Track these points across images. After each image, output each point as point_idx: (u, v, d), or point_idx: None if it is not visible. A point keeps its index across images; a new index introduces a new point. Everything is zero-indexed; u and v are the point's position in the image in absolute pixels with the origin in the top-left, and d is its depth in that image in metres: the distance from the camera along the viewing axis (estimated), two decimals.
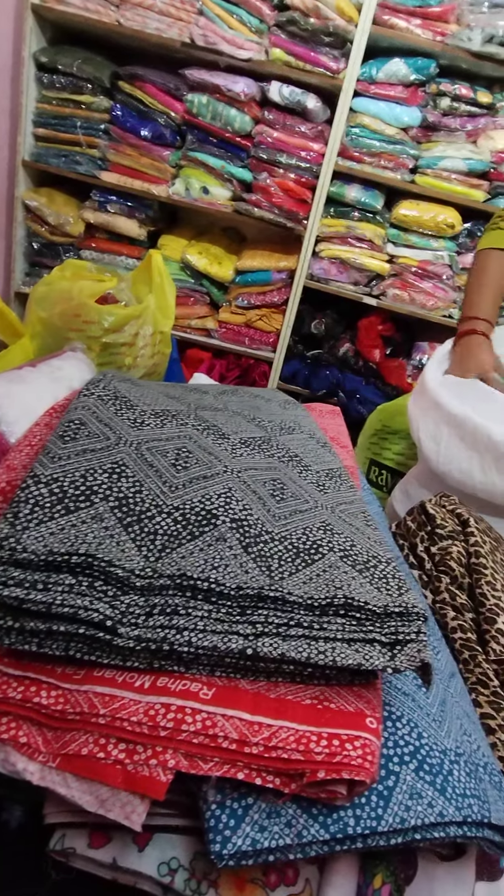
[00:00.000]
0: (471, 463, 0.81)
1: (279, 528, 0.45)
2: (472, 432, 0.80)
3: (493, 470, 0.79)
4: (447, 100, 1.80)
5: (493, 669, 0.58)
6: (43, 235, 2.07)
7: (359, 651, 0.36)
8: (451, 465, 0.82)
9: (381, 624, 0.37)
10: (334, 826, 0.32)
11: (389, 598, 0.39)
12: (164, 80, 1.85)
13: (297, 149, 1.87)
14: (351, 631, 0.37)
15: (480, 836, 0.36)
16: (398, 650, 0.37)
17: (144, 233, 2.05)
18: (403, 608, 0.38)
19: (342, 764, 0.32)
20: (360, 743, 0.33)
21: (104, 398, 0.53)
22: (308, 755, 0.32)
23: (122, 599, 0.36)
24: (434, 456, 0.84)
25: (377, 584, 0.41)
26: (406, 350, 2.19)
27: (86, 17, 1.78)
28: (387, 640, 0.37)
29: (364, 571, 0.42)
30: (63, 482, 0.41)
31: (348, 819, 0.33)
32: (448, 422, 0.83)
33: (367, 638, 0.36)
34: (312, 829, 0.32)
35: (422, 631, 0.37)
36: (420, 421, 0.90)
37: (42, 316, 1.27)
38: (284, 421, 0.64)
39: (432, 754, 0.37)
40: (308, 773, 0.32)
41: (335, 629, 0.36)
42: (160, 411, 0.54)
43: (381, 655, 0.36)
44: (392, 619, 0.38)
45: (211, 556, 0.39)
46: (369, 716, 0.35)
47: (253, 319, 2.09)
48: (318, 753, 0.32)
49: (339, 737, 0.33)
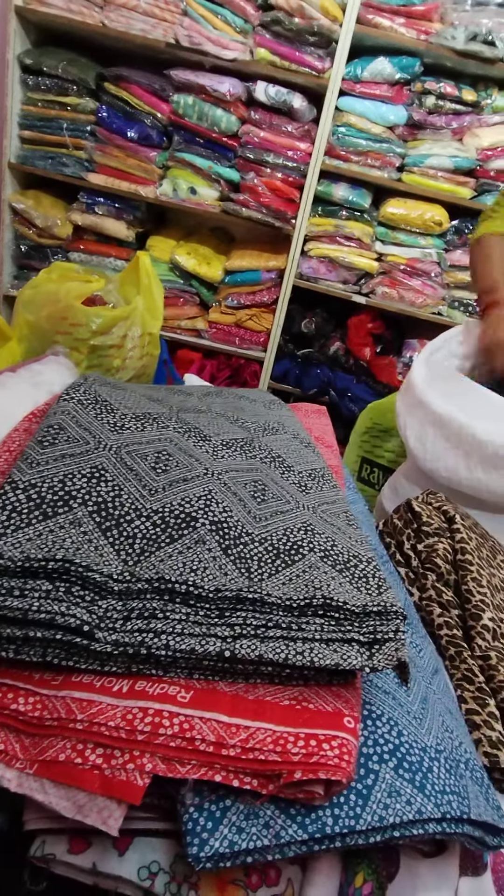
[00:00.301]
0: (457, 461, 0.81)
1: (259, 529, 0.45)
2: (457, 432, 0.80)
3: (478, 469, 0.79)
4: (432, 98, 1.80)
5: (479, 665, 0.58)
6: (30, 238, 2.06)
7: (337, 651, 0.36)
8: (437, 463, 0.83)
9: (360, 623, 0.38)
10: (312, 826, 0.33)
11: (369, 598, 0.39)
12: (150, 80, 1.85)
13: (283, 148, 1.87)
14: (329, 631, 0.37)
15: (460, 833, 0.36)
16: (376, 649, 0.37)
17: (132, 234, 2.05)
18: (382, 607, 0.38)
19: (319, 764, 0.32)
20: (338, 743, 0.33)
21: (84, 402, 0.52)
22: (285, 756, 0.32)
23: (100, 604, 0.36)
24: (421, 454, 0.85)
25: (357, 584, 0.41)
26: (396, 347, 2.20)
27: (69, 19, 1.77)
28: (365, 639, 0.37)
29: (344, 571, 0.42)
30: (41, 488, 0.41)
31: (326, 818, 0.33)
32: (433, 422, 0.83)
33: (345, 638, 0.37)
34: (290, 830, 0.32)
35: (400, 629, 0.37)
36: (407, 420, 0.90)
37: (29, 319, 1.26)
38: (268, 422, 0.64)
39: (412, 752, 0.37)
40: (285, 774, 0.32)
41: (313, 630, 0.37)
42: (141, 415, 0.54)
43: (358, 655, 0.36)
44: (371, 618, 0.38)
45: (190, 559, 0.39)
46: (347, 715, 0.35)
47: (243, 319, 2.09)
48: (294, 754, 0.32)
49: (316, 737, 0.33)
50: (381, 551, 0.64)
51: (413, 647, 0.50)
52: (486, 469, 0.79)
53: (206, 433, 0.55)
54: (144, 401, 0.58)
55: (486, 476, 0.80)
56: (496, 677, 0.56)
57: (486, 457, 0.79)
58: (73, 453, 0.45)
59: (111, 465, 0.45)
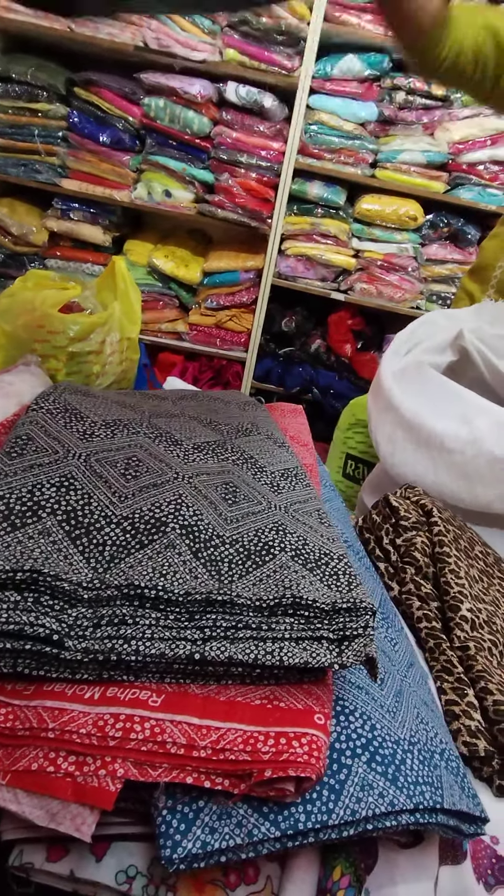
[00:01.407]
0: (425, 466, 0.80)
1: (230, 531, 0.45)
2: (426, 439, 0.79)
3: (444, 474, 0.79)
4: (402, 94, 1.82)
5: (458, 656, 0.59)
6: (6, 246, 2.05)
7: (306, 649, 0.36)
8: (405, 468, 0.82)
9: (330, 621, 0.38)
10: (285, 823, 0.33)
11: (339, 595, 0.40)
12: (120, 84, 1.85)
13: (256, 148, 1.88)
14: (299, 629, 0.37)
15: (434, 822, 0.37)
16: (346, 646, 0.37)
17: (109, 239, 2.04)
18: (352, 603, 0.38)
19: (288, 762, 0.32)
20: (307, 740, 0.33)
21: (53, 412, 0.53)
22: (255, 755, 0.32)
23: (70, 613, 0.36)
24: (389, 458, 0.84)
25: (328, 582, 0.41)
26: (377, 343, 2.21)
27: (37, 25, 1.77)
28: (334, 636, 0.37)
29: (315, 569, 0.43)
30: (9, 499, 0.41)
31: (299, 815, 0.33)
32: (402, 425, 0.82)
33: (314, 636, 0.37)
34: (263, 828, 0.33)
35: (369, 626, 0.38)
36: (377, 421, 0.89)
37: (6, 328, 1.26)
38: (242, 423, 0.64)
39: (385, 745, 0.38)
40: (255, 773, 0.32)
41: (283, 629, 0.37)
42: (111, 421, 0.54)
43: (328, 652, 0.36)
44: (340, 615, 0.38)
45: (160, 564, 0.39)
46: (318, 712, 0.35)
47: (223, 320, 2.09)
48: (265, 753, 0.32)
49: (286, 735, 0.33)
50: (358, 547, 0.64)
51: (388, 640, 0.51)
52: (452, 476, 0.78)
53: (178, 437, 0.55)
54: (116, 407, 0.58)
55: (452, 481, 0.79)
56: (475, 667, 0.57)
57: (453, 465, 0.78)
58: (42, 463, 0.45)
59: (80, 474, 0.46)
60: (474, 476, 0.78)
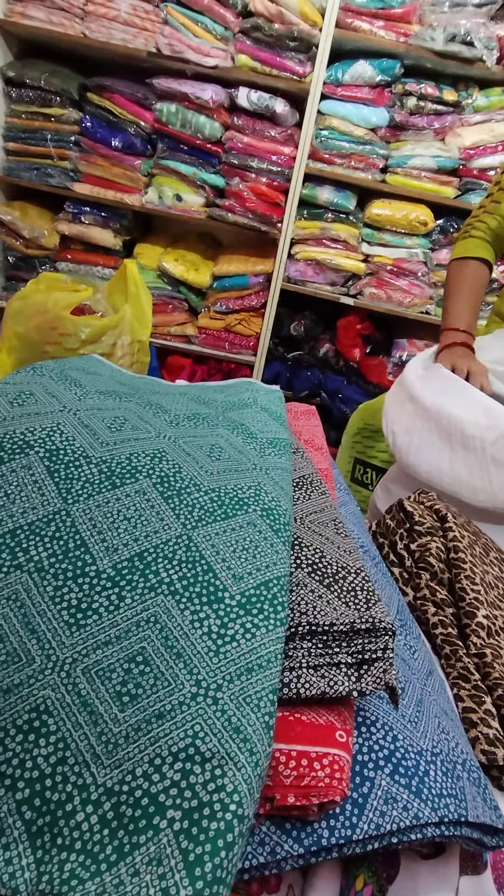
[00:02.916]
0: (441, 456, 0.81)
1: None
2: (445, 427, 0.80)
3: (461, 465, 0.79)
4: (413, 99, 1.82)
5: (474, 663, 0.58)
6: (18, 249, 2.06)
7: (324, 677, 0.35)
8: (420, 456, 0.82)
9: (348, 643, 0.37)
10: (308, 839, 0.32)
11: (357, 614, 0.38)
12: (133, 90, 1.86)
13: (267, 153, 1.88)
14: (317, 655, 0.36)
15: (458, 835, 0.36)
16: (364, 670, 0.36)
17: (120, 242, 2.05)
18: (371, 623, 0.37)
19: (310, 787, 0.31)
20: (329, 761, 0.33)
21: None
22: (276, 779, 0.32)
23: None
24: (405, 448, 0.84)
25: (345, 598, 0.40)
26: (386, 348, 2.21)
27: (51, 31, 1.78)
28: (353, 659, 0.36)
29: (332, 585, 0.41)
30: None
31: (322, 831, 0.33)
32: (422, 415, 0.83)
33: (332, 661, 0.36)
34: (286, 846, 0.32)
35: (388, 647, 0.37)
36: (396, 414, 0.89)
37: (18, 330, 1.26)
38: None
39: (408, 756, 0.37)
40: (278, 798, 0.31)
41: (300, 656, 0.36)
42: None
43: (346, 679, 0.35)
44: (359, 636, 0.37)
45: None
46: (339, 729, 0.35)
47: (232, 324, 2.10)
48: (286, 777, 0.32)
49: (307, 755, 0.33)
50: (374, 552, 0.64)
51: (407, 648, 0.50)
52: (469, 466, 0.79)
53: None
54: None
55: (467, 473, 0.79)
56: (492, 674, 0.56)
57: (471, 452, 0.78)
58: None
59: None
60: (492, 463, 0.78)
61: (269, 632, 0.34)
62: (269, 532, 0.41)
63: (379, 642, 0.37)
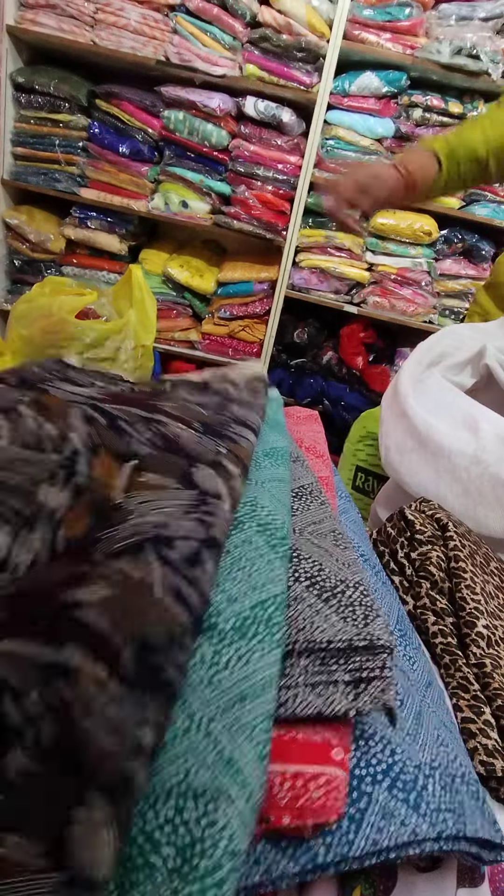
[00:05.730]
0: (429, 479, 0.80)
1: None
2: (434, 452, 0.79)
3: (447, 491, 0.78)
4: (419, 111, 1.83)
5: (474, 673, 0.58)
6: (24, 253, 2.07)
7: (321, 695, 0.35)
8: (411, 477, 0.81)
9: (346, 660, 0.36)
10: (303, 857, 0.32)
11: (354, 630, 0.37)
12: (141, 97, 1.87)
13: (273, 161, 1.90)
14: (314, 673, 0.35)
15: (456, 850, 0.36)
16: (362, 689, 0.35)
17: (125, 248, 2.06)
18: (368, 641, 0.36)
19: (305, 808, 0.31)
20: (324, 780, 0.32)
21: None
22: (271, 800, 0.31)
23: None
24: (397, 466, 0.84)
25: (343, 614, 0.39)
26: (389, 356, 2.21)
27: (61, 38, 1.80)
28: (350, 677, 0.35)
29: (330, 599, 0.40)
30: None
31: (318, 848, 0.32)
32: (413, 435, 0.82)
33: (330, 679, 0.35)
34: (281, 865, 0.31)
35: (386, 666, 0.36)
36: (391, 426, 0.88)
37: (23, 333, 1.27)
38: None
39: (406, 770, 0.36)
40: (272, 819, 0.31)
41: (297, 674, 0.35)
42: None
43: (343, 698, 0.35)
44: (357, 653, 0.36)
45: None
46: (336, 746, 0.34)
47: (236, 330, 2.10)
48: (281, 798, 0.31)
49: (302, 775, 0.32)
50: (374, 560, 0.64)
51: (406, 658, 0.50)
52: (454, 493, 0.78)
53: None
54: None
55: (452, 497, 0.78)
56: (491, 685, 0.56)
57: (457, 480, 0.77)
58: None
59: None
60: (476, 495, 0.78)
61: (265, 655, 0.33)
62: (266, 548, 0.40)
63: (377, 660, 0.36)
